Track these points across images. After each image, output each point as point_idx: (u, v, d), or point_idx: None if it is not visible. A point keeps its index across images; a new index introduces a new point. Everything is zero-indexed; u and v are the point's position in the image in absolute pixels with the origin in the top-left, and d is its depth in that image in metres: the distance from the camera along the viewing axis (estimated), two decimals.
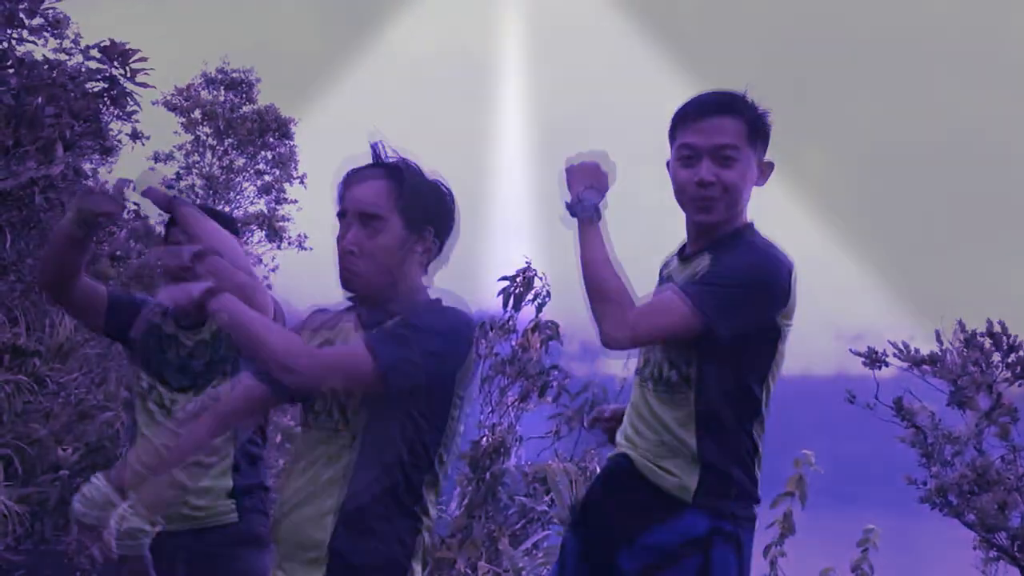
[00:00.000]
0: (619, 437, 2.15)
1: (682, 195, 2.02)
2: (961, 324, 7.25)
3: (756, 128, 1.99)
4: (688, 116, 2.00)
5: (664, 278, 2.15)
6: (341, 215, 1.85)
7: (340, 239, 1.82)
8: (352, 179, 1.87)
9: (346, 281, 1.83)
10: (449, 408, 1.80)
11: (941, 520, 7.01)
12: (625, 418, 2.16)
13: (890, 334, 7.36)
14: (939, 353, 7.15)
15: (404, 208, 1.81)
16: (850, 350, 7.37)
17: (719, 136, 1.95)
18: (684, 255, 2.10)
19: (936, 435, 7.02)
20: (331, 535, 1.73)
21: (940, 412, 7.15)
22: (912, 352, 7.19)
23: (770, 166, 2.04)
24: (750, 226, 2.04)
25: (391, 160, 1.87)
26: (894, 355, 7.27)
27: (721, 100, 1.99)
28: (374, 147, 1.88)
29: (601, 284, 1.95)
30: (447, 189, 1.90)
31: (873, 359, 7.26)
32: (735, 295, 1.90)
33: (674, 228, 2.14)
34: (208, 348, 2.44)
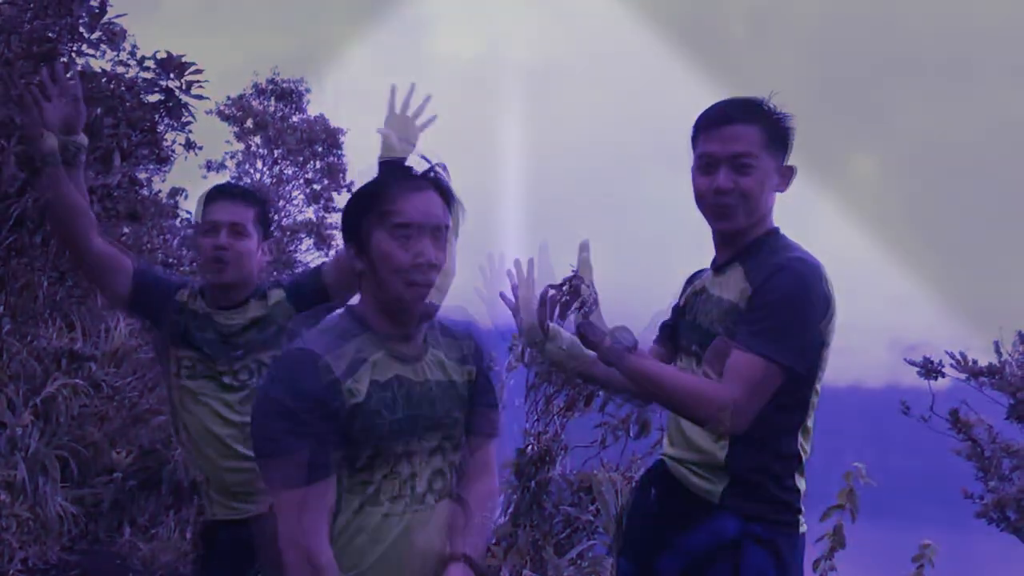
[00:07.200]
0: (664, 443, 2.19)
1: (701, 202, 2.04)
2: (1021, 335, 7.05)
3: (774, 134, 1.98)
4: (707, 124, 2.02)
5: (698, 290, 2.15)
6: (405, 226, 1.66)
7: (409, 251, 1.66)
8: (418, 187, 1.70)
9: (420, 297, 1.67)
10: None
11: (997, 536, 6.82)
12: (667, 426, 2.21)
13: (946, 345, 7.18)
14: (998, 365, 6.95)
15: (455, 230, 1.76)
16: (905, 359, 7.20)
17: (736, 144, 1.96)
18: (715, 266, 2.11)
19: (994, 448, 6.84)
20: None
21: (998, 425, 6.96)
22: (970, 363, 7.00)
23: (791, 171, 2.03)
24: (775, 231, 2.04)
25: (441, 176, 1.75)
26: (951, 365, 7.09)
27: (738, 107, 2.00)
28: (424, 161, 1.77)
29: (677, 393, 1.91)
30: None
31: (929, 369, 7.08)
32: (788, 324, 1.87)
33: None
34: (249, 330, 2.45)
